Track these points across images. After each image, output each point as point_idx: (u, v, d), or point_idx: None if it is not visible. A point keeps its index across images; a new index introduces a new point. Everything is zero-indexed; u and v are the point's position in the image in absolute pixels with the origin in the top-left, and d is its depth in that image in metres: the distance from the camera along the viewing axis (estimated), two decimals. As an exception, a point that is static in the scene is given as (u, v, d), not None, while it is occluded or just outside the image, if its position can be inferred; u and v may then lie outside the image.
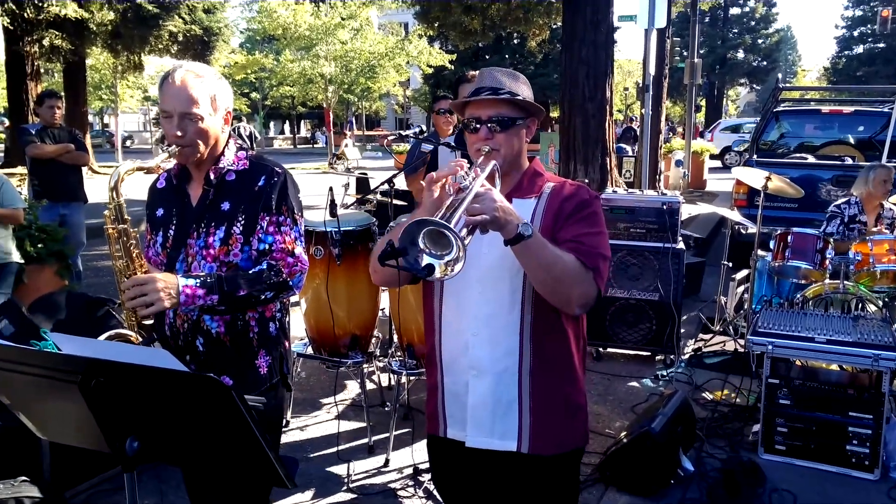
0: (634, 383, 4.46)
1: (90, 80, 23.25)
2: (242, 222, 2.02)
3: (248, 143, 16.05)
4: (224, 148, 2.07)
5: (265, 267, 2.01)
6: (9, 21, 12.37)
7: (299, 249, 2.09)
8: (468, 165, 1.67)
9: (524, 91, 1.85)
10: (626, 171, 12.55)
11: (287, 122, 49.80)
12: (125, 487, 1.43)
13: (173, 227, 2.08)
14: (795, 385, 3.40)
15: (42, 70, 17.56)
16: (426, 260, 1.46)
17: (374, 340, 4.01)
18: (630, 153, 13.87)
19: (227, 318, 2.05)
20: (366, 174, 5.16)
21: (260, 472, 1.37)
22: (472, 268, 1.62)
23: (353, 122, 47.34)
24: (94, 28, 14.19)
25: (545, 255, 1.62)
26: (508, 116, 1.79)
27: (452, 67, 27.77)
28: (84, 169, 6.45)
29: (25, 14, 12.16)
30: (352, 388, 4.31)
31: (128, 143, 29.47)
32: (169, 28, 14.75)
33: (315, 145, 44.77)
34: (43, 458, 3.00)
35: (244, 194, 2.04)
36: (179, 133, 1.96)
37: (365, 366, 3.84)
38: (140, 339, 2.00)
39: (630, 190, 5.73)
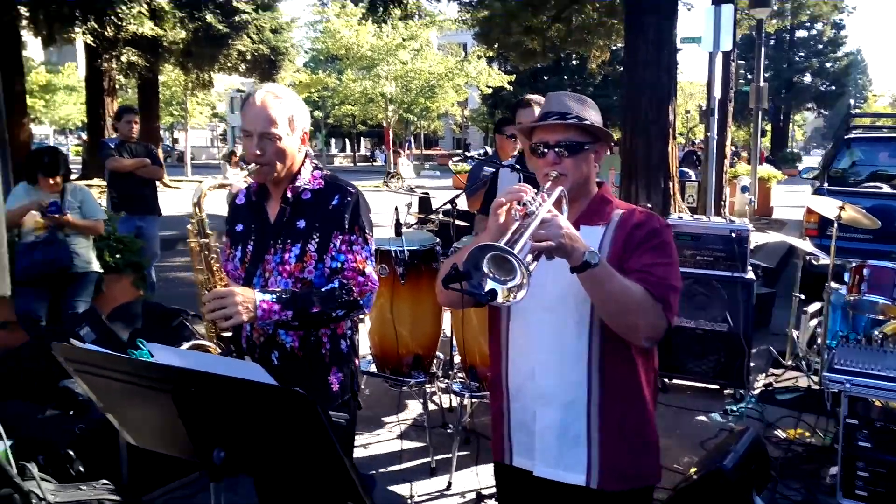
0: (703, 417, 4.34)
1: (162, 97, 24.23)
2: (317, 240, 2.08)
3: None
4: (301, 167, 2.14)
5: (337, 285, 2.05)
6: (91, 39, 13.02)
7: (370, 269, 2.13)
8: (534, 190, 1.66)
9: (592, 116, 1.84)
10: (689, 196, 12.30)
11: (347, 139, 50.83)
12: (201, 496, 1.47)
13: (252, 243, 2.15)
14: (876, 427, 3.24)
15: (117, 86, 18.39)
16: (489, 285, 1.46)
17: (435, 361, 4.02)
18: (693, 178, 13.60)
19: (301, 334, 2.11)
20: (427, 194, 5.23)
21: (338, 487, 1.39)
22: (538, 294, 1.60)
23: (412, 140, 47.90)
24: (168, 46, 14.82)
25: (612, 285, 1.60)
26: (576, 141, 1.78)
27: (511, 88, 27.90)
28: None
29: (106, 32, 12.79)
30: (413, 408, 4.33)
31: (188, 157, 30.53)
32: (238, 47, 15.29)
33: (374, 163, 45.46)
34: (121, 463, 3.11)
35: (319, 213, 2.10)
36: (259, 152, 2.03)
37: (427, 386, 3.86)
38: (219, 351, 2.07)
39: (697, 216, 5.62)
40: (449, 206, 4.51)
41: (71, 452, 3.06)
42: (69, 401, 3.39)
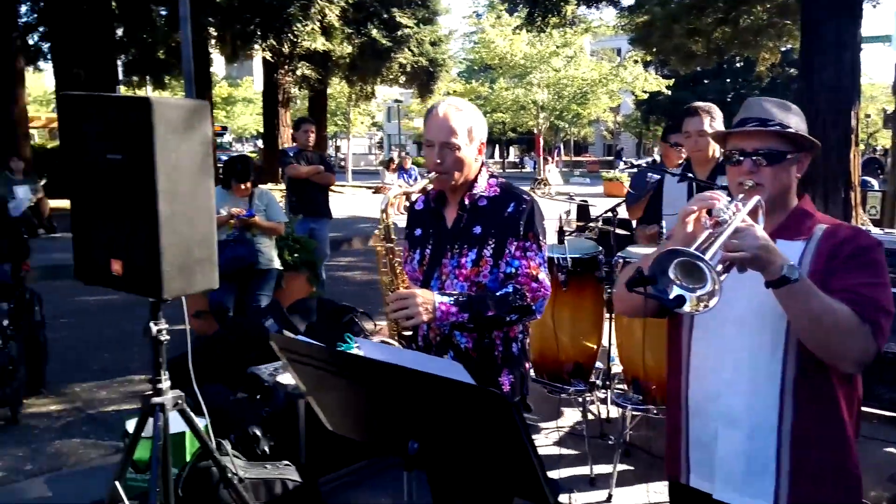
0: (892, 449, 3.97)
1: (328, 108, 25.85)
2: (492, 246, 2.16)
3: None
4: (477, 175, 2.23)
5: (511, 290, 2.11)
6: (269, 55, 14.20)
7: (543, 275, 2.17)
8: (728, 199, 1.58)
9: (796, 123, 1.71)
10: (871, 207, 11.21)
11: (497, 146, 51.34)
12: (369, 481, 1.56)
13: (430, 247, 2.26)
14: None
15: (290, 98, 19.86)
16: (676, 291, 1.41)
17: (595, 371, 3.99)
18: (876, 187, 12.39)
19: (475, 335, 2.19)
20: (586, 202, 5.18)
21: (525, 488, 1.43)
22: (728, 306, 1.52)
23: (561, 147, 47.45)
24: (336, 60, 15.81)
25: (814, 304, 1.48)
26: (777, 150, 1.67)
27: (669, 93, 26.89)
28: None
29: (283, 48, 13.89)
30: (569, 416, 4.32)
31: (342, 164, 32.34)
32: (399, 60, 16.01)
33: (522, 170, 45.55)
34: (300, 446, 3.37)
35: (495, 219, 2.18)
36: (439, 161, 2.14)
37: (586, 395, 3.84)
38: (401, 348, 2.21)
39: (888, 230, 5.14)
40: (609, 215, 4.46)
41: (258, 433, 3.36)
42: (256, 386, 3.72)
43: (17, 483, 3.50)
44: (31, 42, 14.69)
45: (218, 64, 31.59)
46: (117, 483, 2.49)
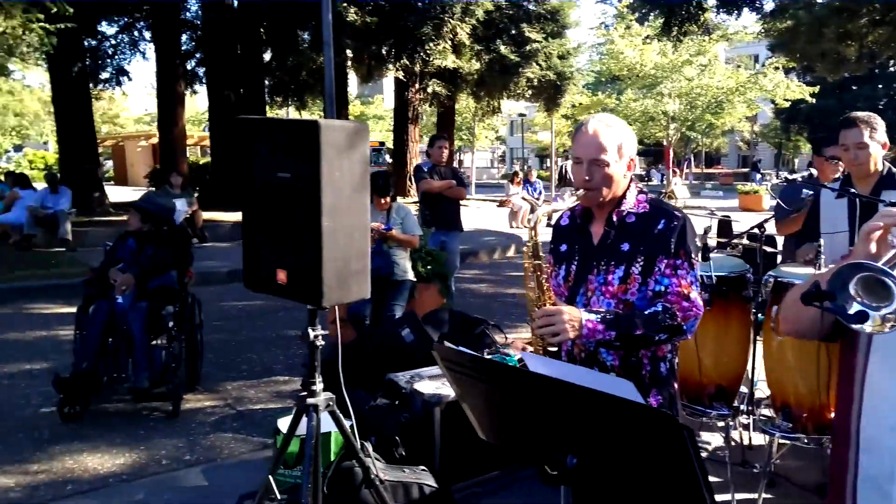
0: None
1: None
2: (641, 263, 2.13)
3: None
4: (626, 191, 2.21)
5: (660, 309, 2.08)
6: (402, 74, 14.73)
7: (695, 294, 2.12)
8: None
9: None
10: None
11: (622, 159, 50.11)
12: (504, 492, 1.55)
13: (575, 263, 2.27)
14: None
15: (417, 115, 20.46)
16: (856, 307, 1.32)
17: (738, 395, 3.81)
18: None
19: (622, 354, 2.17)
20: (728, 216, 4.97)
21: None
22: None
23: (692, 159, 45.63)
24: (464, 76, 16.12)
25: None
26: None
27: (813, 100, 25.18)
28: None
29: (415, 68, 14.37)
30: (708, 440, 4.15)
31: (467, 177, 32.80)
32: (527, 75, 16.08)
33: (649, 182, 44.17)
34: (435, 452, 3.47)
35: (644, 236, 2.15)
36: (587, 177, 2.15)
37: (728, 420, 3.67)
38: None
39: None
40: (756, 231, 4.26)
41: (396, 438, 3.49)
42: (394, 392, 3.87)
43: (178, 471, 3.83)
44: (188, 67, 16.09)
45: (351, 83, 33.15)
46: (270, 477, 2.67)
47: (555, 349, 2.23)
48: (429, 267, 5.83)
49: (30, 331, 6.71)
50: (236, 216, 13.05)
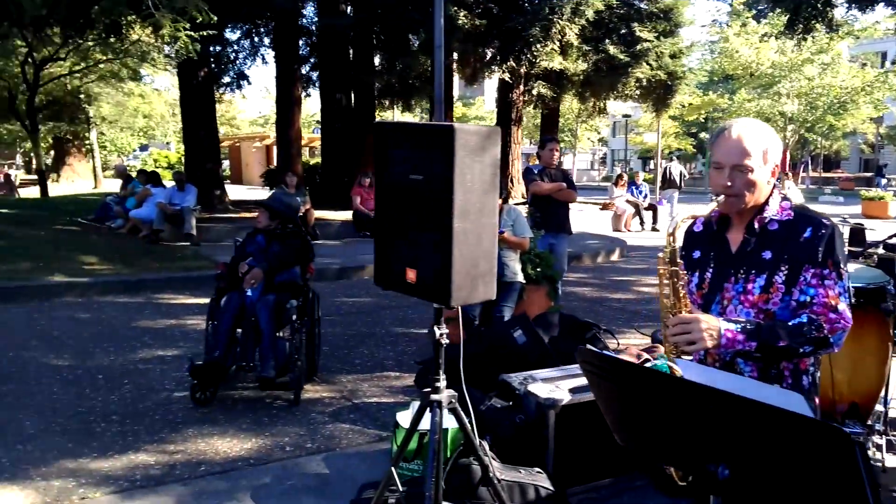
0: None
1: (557, 124, 26.10)
2: (785, 272, 2.06)
3: (678, 181, 15.99)
4: (768, 198, 2.15)
5: (805, 320, 2.00)
6: (508, 76, 14.74)
7: (843, 305, 2.04)
8: None
9: None
10: None
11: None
12: (617, 498, 1.54)
13: (710, 270, 2.22)
14: None
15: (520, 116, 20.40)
16: None
17: (873, 414, 3.60)
18: None
19: (760, 364, 2.10)
20: (862, 224, 4.68)
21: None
22: None
23: (809, 162, 43.12)
24: (569, 77, 15.93)
25: None
26: None
27: (952, 100, 23.23)
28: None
29: (521, 69, 14.34)
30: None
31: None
32: (636, 75, 15.69)
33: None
34: (548, 455, 3.47)
35: (788, 245, 2.08)
36: (729, 183, 2.10)
37: (862, 439, 3.47)
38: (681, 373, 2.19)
39: None
40: (894, 241, 4.00)
41: (510, 438, 3.51)
42: (508, 393, 3.90)
43: (301, 458, 4.01)
44: (303, 71, 16.77)
45: (454, 85, 33.46)
46: (393, 469, 2.76)
47: (690, 358, 2.19)
48: (538, 269, 5.83)
49: (160, 319, 7.20)
50: (345, 215, 13.53)
